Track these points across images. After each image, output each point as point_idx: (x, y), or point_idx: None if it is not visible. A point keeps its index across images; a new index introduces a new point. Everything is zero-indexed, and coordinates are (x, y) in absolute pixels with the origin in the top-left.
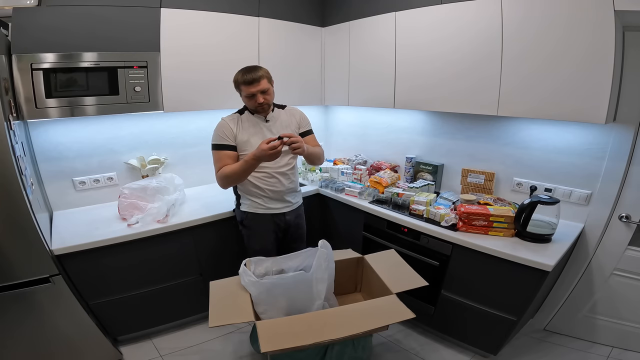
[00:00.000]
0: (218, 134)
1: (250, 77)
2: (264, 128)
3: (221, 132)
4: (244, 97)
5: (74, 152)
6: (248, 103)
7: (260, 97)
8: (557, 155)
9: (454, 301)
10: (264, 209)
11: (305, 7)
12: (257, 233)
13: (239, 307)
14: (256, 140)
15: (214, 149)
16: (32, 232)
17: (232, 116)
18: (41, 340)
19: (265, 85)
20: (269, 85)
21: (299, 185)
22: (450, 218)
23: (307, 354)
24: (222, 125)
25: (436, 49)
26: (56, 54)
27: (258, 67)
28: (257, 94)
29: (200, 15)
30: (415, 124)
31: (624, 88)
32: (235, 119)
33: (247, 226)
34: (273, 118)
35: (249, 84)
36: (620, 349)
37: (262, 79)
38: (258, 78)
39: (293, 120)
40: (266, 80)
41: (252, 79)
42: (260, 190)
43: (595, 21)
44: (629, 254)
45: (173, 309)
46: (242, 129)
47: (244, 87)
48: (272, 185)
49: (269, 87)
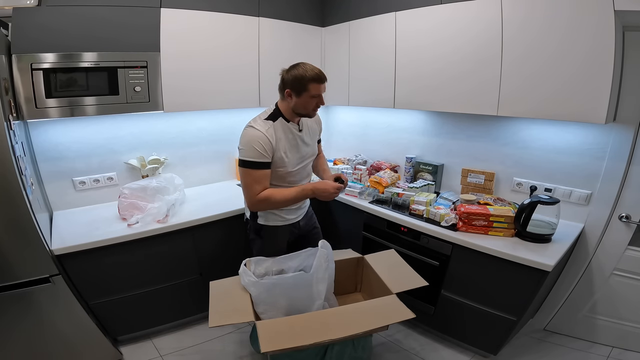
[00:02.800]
0: (256, 149)
1: (321, 73)
2: (297, 139)
3: (260, 148)
4: (308, 96)
5: (74, 152)
6: (306, 105)
7: (322, 99)
8: (557, 155)
9: (454, 301)
10: (283, 220)
11: (306, 6)
12: (274, 243)
13: (239, 307)
14: (292, 155)
15: (249, 167)
16: (32, 232)
17: (265, 124)
18: (41, 340)
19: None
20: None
21: None
22: (450, 218)
23: (307, 354)
24: (260, 138)
25: (436, 50)
26: (56, 54)
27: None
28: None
29: (200, 15)
30: (416, 124)
31: (624, 88)
32: (271, 130)
33: (264, 237)
34: (304, 126)
35: (322, 81)
36: (620, 349)
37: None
38: (326, 78)
39: (317, 127)
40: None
41: (322, 75)
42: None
43: (595, 21)
44: (629, 254)
45: (173, 309)
46: (278, 140)
47: (314, 85)
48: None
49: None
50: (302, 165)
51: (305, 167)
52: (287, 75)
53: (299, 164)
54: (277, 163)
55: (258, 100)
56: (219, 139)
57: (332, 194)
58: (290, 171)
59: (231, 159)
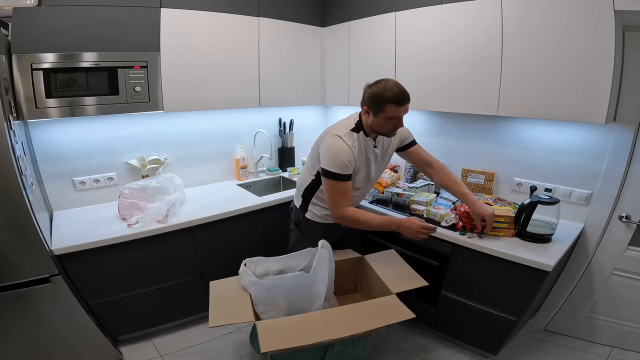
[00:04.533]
0: (342, 162)
1: (402, 95)
2: (371, 156)
3: (346, 160)
4: (383, 117)
5: (74, 152)
6: (382, 125)
7: (400, 122)
8: (557, 155)
9: (454, 301)
10: (326, 220)
11: (306, 6)
12: (310, 237)
13: (239, 307)
14: (363, 171)
15: (333, 179)
16: (32, 232)
17: (351, 136)
18: (41, 340)
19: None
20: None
21: None
22: (450, 218)
23: (307, 354)
24: (346, 151)
25: (436, 50)
26: (56, 54)
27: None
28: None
29: (201, 15)
30: (415, 124)
31: (624, 88)
32: (356, 143)
33: (304, 230)
34: (379, 142)
35: (401, 103)
36: (620, 349)
37: (409, 101)
38: (408, 98)
39: (393, 142)
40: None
41: (405, 96)
42: None
43: (595, 21)
44: (629, 254)
45: (173, 309)
46: (359, 154)
47: (391, 107)
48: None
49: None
50: (367, 182)
51: (369, 184)
52: (367, 90)
53: (365, 181)
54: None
55: (258, 101)
56: (219, 139)
57: (417, 233)
58: (355, 187)
59: (231, 159)
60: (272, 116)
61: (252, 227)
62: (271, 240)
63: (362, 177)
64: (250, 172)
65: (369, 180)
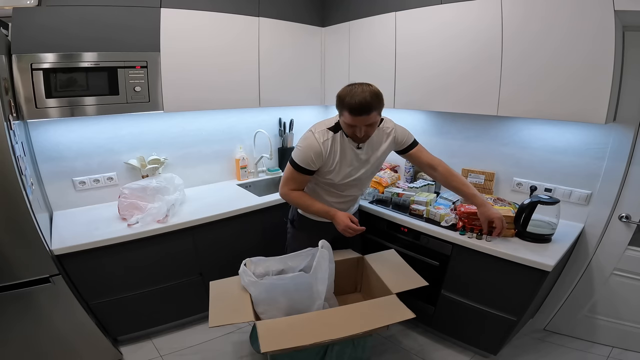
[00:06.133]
0: (305, 157)
1: (358, 106)
2: (353, 156)
3: (309, 157)
4: (343, 121)
5: (74, 152)
6: (345, 129)
7: (363, 131)
8: (557, 155)
9: (454, 301)
10: (319, 218)
11: (306, 6)
12: (305, 236)
13: (239, 307)
14: (342, 169)
15: (293, 167)
16: (32, 232)
17: (325, 134)
18: (41, 340)
19: (373, 119)
20: (378, 117)
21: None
22: (450, 218)
23: (307, 354)
24: (314, 149)
25: (436, 50)
26: (56, 54)
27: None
28: (360, 127)
29: (200, 15)
30: (415, 124)
31: (624, 88)
32: (329, 142)
33: (297, 227)
34: (366, 143)
35: (356, 114)
36: (620, 349)
37: (373, 112)
38: (369, 109)
39: (385, 145)
40: (376, 113)
41: (361, 108)
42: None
43: (595, 22)
44: (629, 254)
45: (173, 309)
46: (332, 152)
47: (348, 116)
48: (343, 205)
49: (377, 121)
50: (350, 179)
51: (358, 183)
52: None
53: (347, 178)
54: (325, 173)
55: (258, 100)
56: (219, 139)
57: (343, 230)
58: (336, 183)
59: (231, 158)
60: (272, 116)
61: (252, 227)
62: (271, 240)
63: (341, 175)
64: (250, 172)
65: (357, 180)
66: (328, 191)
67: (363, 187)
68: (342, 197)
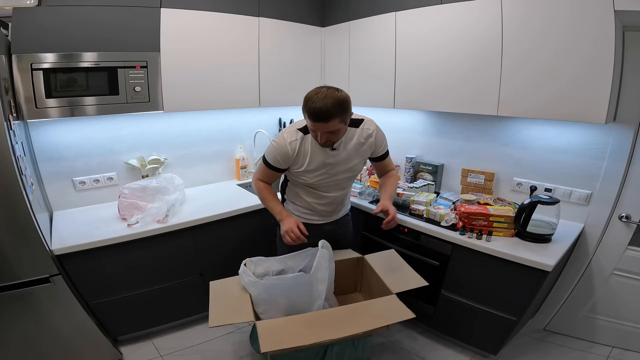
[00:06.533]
0: (274, 155)
1: (317, 112)
2: (326, 156)
3: (276, 156)
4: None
5: (74, 152)
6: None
7: (324, 137)
8: (557, 155)
9: (454, 301)
10: (303, 219)
11: (306, 6)
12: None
13: (239, 307)
14: (315, 169)
15: (264, 162)
16: (32, 232)
17: (294, 135)
18: (41, 340)
19: (334, 127)
20: (341, 125)
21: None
22: (450, 218)
23: (307, 354)
24: (282, 149)
25: (436, 50)
26: (56, 54)
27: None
28: (322, 134)
29: (200, 15)
30: (415, 124)
31: (624, 88)
32: (298, 142)
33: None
34: (341, 144)
35: (315, 119)
36: (620, 349)
37: (333, 119)
38: (327, 117)
39: (364, 147)
40: (337, 121)
41: (319, 114)
42: (308, 206)
43: (595, 21)
44: (629, 254)
45: (173, 309)
46: (301, 153)
47: (308, 120)
48: (325, 207)
49: (340, 128)
50: (326, 180)
51: (335, 184)
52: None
53: (322, 179)
54: (297, 174)
55: (258, 101)
56: (219, 139)
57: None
58: (311, 183)
59: (231, 159)
60: (272, 116)
61: (252, 227)
62: (271, 240)
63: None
64: (250, 172)
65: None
66: (307, 191)
67: (345, 189)
68: (322, 199)
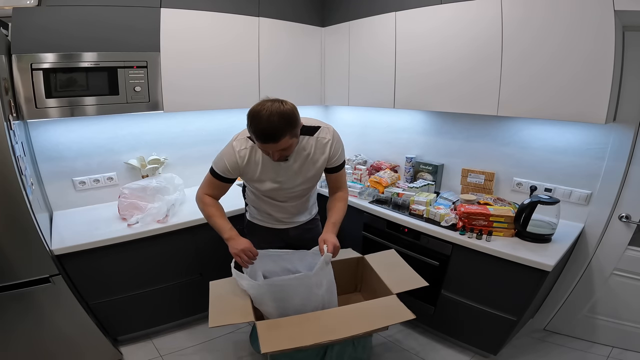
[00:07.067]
0: (222, 164)
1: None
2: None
3: (224, 165)
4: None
5: (74, 152)
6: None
7: (277, 155)
8: (557, 155)
9: (454, 301)
10: (264, 222)
11: (306, 6)
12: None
13: (239, 307)
14: (267, 179)
15: (211, 172)
16: (32, 232)
17: (244, 143)
18: (41, 340)
19: (285, 145)
20: (293, 140)
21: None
22: (450, 218)
23: (307, 354)
24: (229, 157)
25: (436, 50)
26: (56, 54)
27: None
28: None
29: (200, 15)
30: (415, 124)
31: (624, 88)
32: (247, 151)
33: (247, 233)
34: (295, 155)
35: (264, 141)
36: (620, 349)
37: (283, 138)
38: (276, 137)
39: (320, 156)
40: (288, 137)
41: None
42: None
43: (595, 21)
44: (628, 254)
45: (173, 309)
46: (251, 163)
47: (257, 142)
48: (283, 214)
49: (292, 143)
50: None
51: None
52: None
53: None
54: (249, 182)
55: (258, 101)
56: (219, 139)
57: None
58: (263, 191)
59: None
60: None
61: None
62: None
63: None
64: None
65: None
66: (267, 202)
67: (304, 196)
68: (280, 207)
